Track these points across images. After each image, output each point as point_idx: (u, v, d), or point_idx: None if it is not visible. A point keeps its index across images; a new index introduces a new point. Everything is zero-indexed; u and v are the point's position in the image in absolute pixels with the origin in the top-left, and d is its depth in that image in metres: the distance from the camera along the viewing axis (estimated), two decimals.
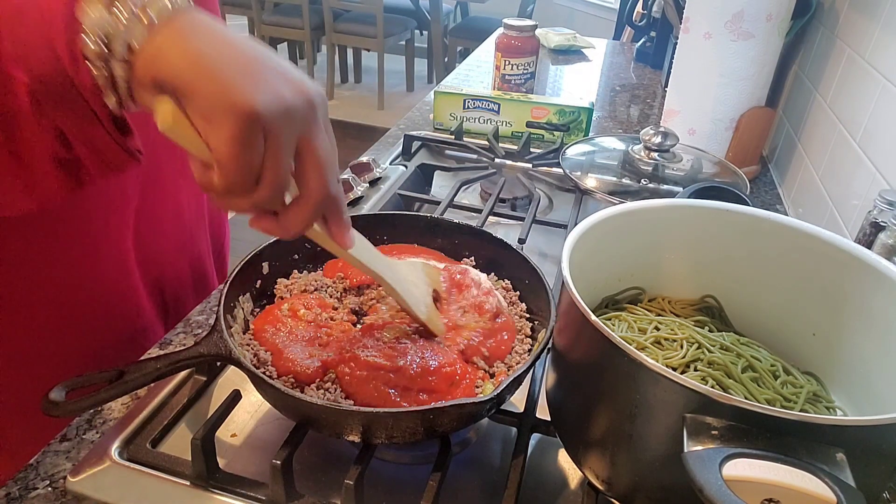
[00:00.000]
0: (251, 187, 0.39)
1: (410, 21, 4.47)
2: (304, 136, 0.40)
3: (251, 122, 0.37)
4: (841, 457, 0.34)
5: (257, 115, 0.37)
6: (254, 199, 0.40)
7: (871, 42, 0.87)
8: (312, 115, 0.41)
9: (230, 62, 0.38)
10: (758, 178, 1.19)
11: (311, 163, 0.41)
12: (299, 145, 0.40)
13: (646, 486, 0.43)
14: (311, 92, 0.41)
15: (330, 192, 0.42)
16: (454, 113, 1.25)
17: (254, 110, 0.37)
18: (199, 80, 0.37)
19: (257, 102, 0.37)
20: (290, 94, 0.39)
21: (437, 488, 0.48)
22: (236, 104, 0.36)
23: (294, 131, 0.40)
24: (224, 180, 0.38)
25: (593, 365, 0.44)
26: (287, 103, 0.38)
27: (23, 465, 0.53)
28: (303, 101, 0.40)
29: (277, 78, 0.39)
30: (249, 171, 0.38)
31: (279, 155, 0.39)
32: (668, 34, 1.66)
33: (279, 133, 0.38)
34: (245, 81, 0.37)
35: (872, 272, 0.48)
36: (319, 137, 0.41)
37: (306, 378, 0.53)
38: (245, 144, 0.37)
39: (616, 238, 0.56)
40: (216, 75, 0.37)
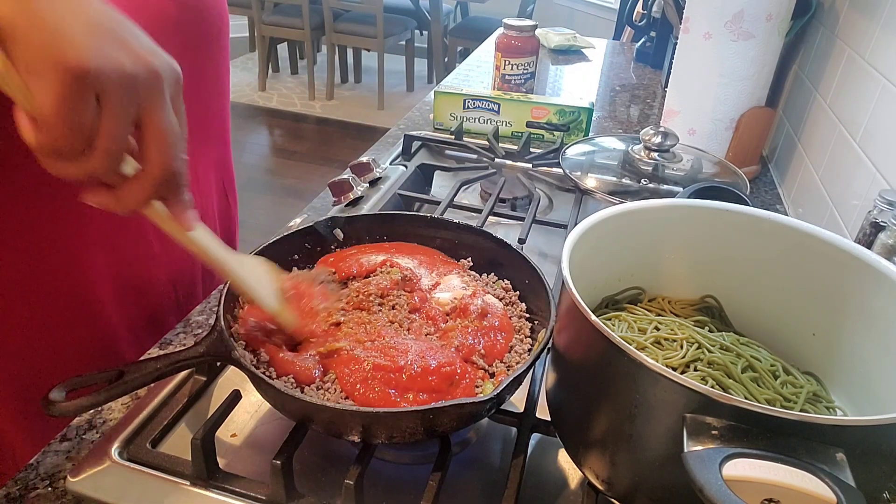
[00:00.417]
0: (79, 150, 0.37)
1: (410, 21, 4.48)
2: (144, 107, 0.39)
3: (79, 80, 0.35)
4: (841, 457, 0.34)
5: (86, 73, 0.35)
6: (85, 165, 0.38)
7: (871, 42, 0.87)
8: (156, 86, 0.39)
9: (69, 16, 0.36)
10: (758, 178, 1.19)
11: (152, 135, 0.40)
12: (140, 118, 0.39)
13: (646, 486, 0.43)
14: (156, 63, 0.39)
15: (171, 167, 0.41)
16: (454, 113, 1.25)
17: (83, 67, 0.35)
18: (28, 26, 0.35)
19: (89, 60, 0.35)
20: (130, 61, 0.37)
21: (437, 488, 0.48)
22: (64, 58, 0.35)
23: (132, 100, 0.38)
24: (48, 138, 0.36)
25: (593, 365, 0.44)
26: (126, 69, 0.37)
27: (23, 465, 0.53)
28: (145, 70, 0.38)
29: (121, 43, 0.38)
30: (76, 133, 0.36)
31: (112, 121, 0.37)
32: (668, 34, 1.66)
33: (113, 97, 0.37)
34: (80, 38, 0.35)
35: (872, 272, 0.48)
36: (162, 110, 0.40)
37: (306, 378, 0.53)
38: (70, 103, 0.35)
39: (616, 238, 0.56)
40: (47, 24, 0.35)
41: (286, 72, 5.09)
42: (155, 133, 0.40)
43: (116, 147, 0.38)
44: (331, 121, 4.34)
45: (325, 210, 0.94)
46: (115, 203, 0.41)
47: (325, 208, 0.95)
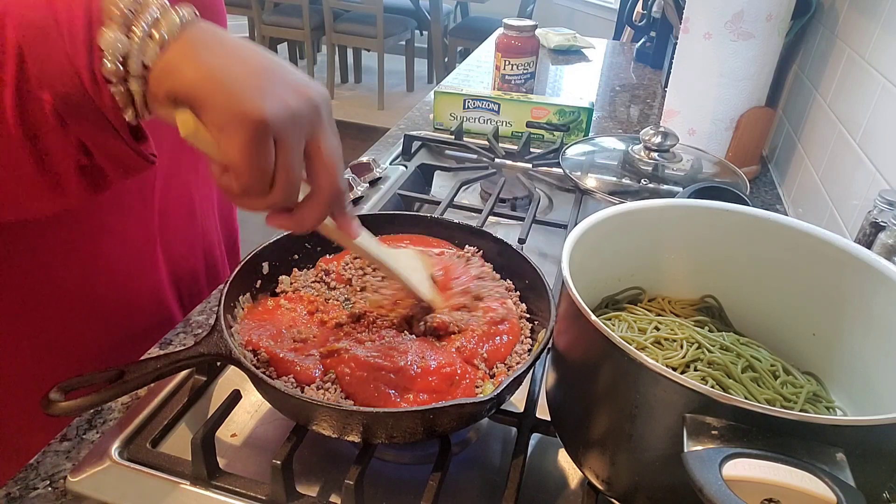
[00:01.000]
0: (266, 190, 0.42)
1: (410, 21, 4.47)
2: (311, 137, 0.43)
3: (261, 130, 0.39)
4: (841, 457, 0.34)
5: (265, 123, 0.39)
6: (269, 200, 0.43)
7: (871, 42, 0.87)
8: (318, 117, 0.43)
9: (237, 72, 0.40)
10: (758, 178, 1.19)
11: (320, 162, 0.43)
12: (307, 147, 0.43)
13: (646, 486, 0.43)
14: (314, 95, 0.43)
15: (339, 188, 0.45)
16: (454, 113, 1.25)
17: (262, 119, 0.39)
18: (210, 92, 0.39)
19: (265, 111, 0.39)
20: (294, 100, 0.41)
21: (437, 488, 0.48)
22: (246, 114, 0.39)
23: (302, 135, 0.42)
24: (240, 184, 0.41)
25: (593, 365, 0.44)
26: (293, 109, 0.41)
27: (23, 465, 0.53)
28: (308, 104, 0.42)
29: (282, 85, 0.41)
30: (262, 176, 0.41)
31: (289, 159, 0.41)
32: (668, 34, 1.66)
33: (288, 138, 0.41)
34: (252, 91, 0.39)
35: (872, 272, 0.48)
36: (326, 137, 0.44)
37: (306, 378, 0.53)
38: (256, 151, 0.39)
39: (616, 238, 0.56)
40: (225, 87, 0.39)
41: None
42: (321, 160, 0.43)
43: (295, 179, 0.42)
44: None
45: None
46: (295, 225, 0.45)
47: None
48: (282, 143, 0.41)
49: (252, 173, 0.40)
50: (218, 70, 0.40)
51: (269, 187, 0.42)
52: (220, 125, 0.40)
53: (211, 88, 0.39)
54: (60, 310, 0.65)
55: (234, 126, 0.39)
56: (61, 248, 0.62)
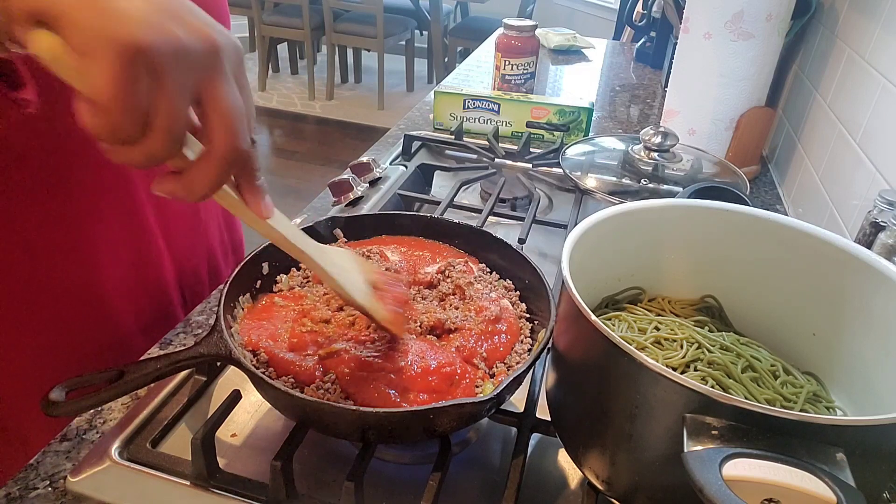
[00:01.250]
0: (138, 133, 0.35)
1: (410, 21, 4.47)
2: (204, 83, 0.37)
3: (131, 56, 0.33)
4: (841, 457, 0.34)
5: (139, 48, 0.33)
6: (144, 149, 0.36)
7: (871, 42, 0.87)
8: (215, 61, 0.37)
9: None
10: (758, 178, 1.19)
11: (215, 112, 0.37)
12: (201, 94, 0.37)
13: (646, 486, 0.43)
14: (215, 37, 0.37)
15: (238, 146, 0.38)
16: (454, 113, 1.25)
17: (135, 43, 0.33)
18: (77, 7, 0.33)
19: (141, 35, 0.33)
20: (186, 35, 0.36)
21: (437, 488, 0.48)
22: (115, 35, 0.33)
23: (189, 75, 0.36)
24: (107, 121, 0.34)
25: (593, 365, 0.44)
26: (181, 43, 0.35)
27: (23, 465, 0.53)
28: (203, 44, 0.36)
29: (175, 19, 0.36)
30: (132, 113, 0.34)
31: (169, 97, 0.35)
32: (668, 34, 1.66)
33: (168, 73, 0.35)
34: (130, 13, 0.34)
35: (872, 272, 0.48)
36: (223, 85, 0.37)
37: (306, 378, 0.53)
38: (123, 81, 0.33)
39: (616, 238, 0.56)
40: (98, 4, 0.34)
41: (286, 72, 5.09)
42: (217, 109, 0.37)
43: (175, 124, 0.36)
44: (331, 121, 4.34)
45: (325, 210, 0.94)
46: (184, 190, 0.39)
47: (325, 208, 0.95)
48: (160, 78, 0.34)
49: (119, 108, 0.34)
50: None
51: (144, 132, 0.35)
52: (85, 48, 0.33)
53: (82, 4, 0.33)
54: (60, 310, 0.65)
55: (100, 49, 0.33)
56: (61, 248, 0.62)
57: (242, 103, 0.39)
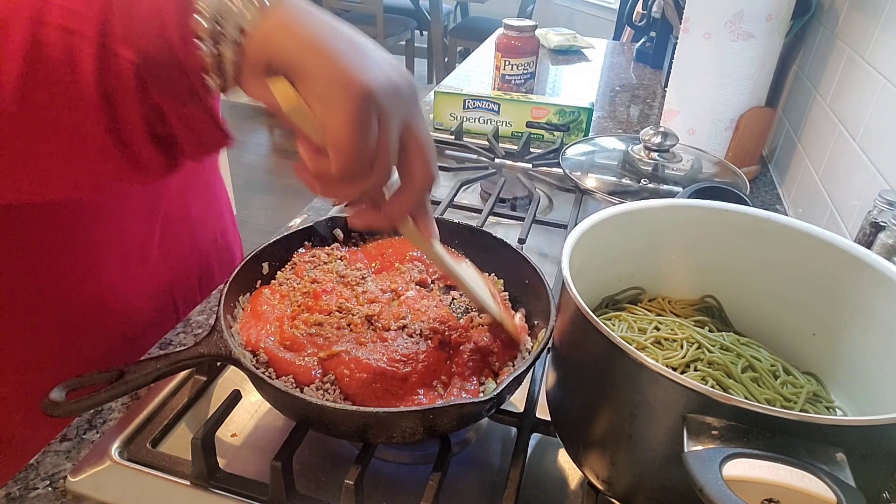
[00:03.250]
0: (366, 171, 0.38)
1: (410, 21, 4.47)
2: (407, 120, 0.40)
3: (367, 102, 0.37)
4: (841, 457, 0.34)
5: (372, 94, 0.37)
6: (365, 184, 0.39)
7: (871, 42, 0.87)
8: (415, 98, 0.40)
9: (341, 45, 0.38)
10: (758, 178, 1.19)
11: (416, 148, 0.41)
12: (403, 131, 0.40)
13: (646, 486, 0.43)
14: (408, 76, 0.41)
15: (434, 176, 0.42)
16: (454, 113, 1.25)
17: (369, 89, 0.37)
18: (315, 62, 0.37)
19: (371, 81, 0.37)
20: (396, 76, 0.39)
21: (437, 488, 0.48)
22: (353, 84, 0.36)
23: (401, 113, 0.39)
24: (341, 163, 0.37)
25: (593, 365, 0.44)
26: (395, 83, 0.38)
27: (23, 465, 0.53)
28: (406, 83, 0.40)
29: (380, 60, 0.39)
30: (365, 153, 0.38)
31: (390, 137, 0.38)
32: (668, 34, 1.66)
33: (390, 113, 0.38)
34: (358, 63, 0.37)
35: (872, 272, 0.48)
36: (421, 122, 0.41)
37: (306, 378, 0.53)
38: (362, 125, 0.37)
39: (616, 238, 0.56)
40: (331, 57, 0.37)
41: None
42: (418, 145, 0.40)
43: (392, 161, 0.39)
44: None
45: (325, 210, 0.94)
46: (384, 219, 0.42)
47: (325, 208, 0.95)
48: (384, 119, 0.38)
49: (356, 149, 0.37)
50: (321, 41, 0.37)
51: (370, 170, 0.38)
52: (324, 97, 0.37)
53: (315, 58, 0.37)
54: (60, 310, 0.65)
55: (340, 97, 0.36)
56: (61, 249, 0.62)
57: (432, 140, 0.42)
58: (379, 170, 0.39)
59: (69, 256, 0.63)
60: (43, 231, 0.60)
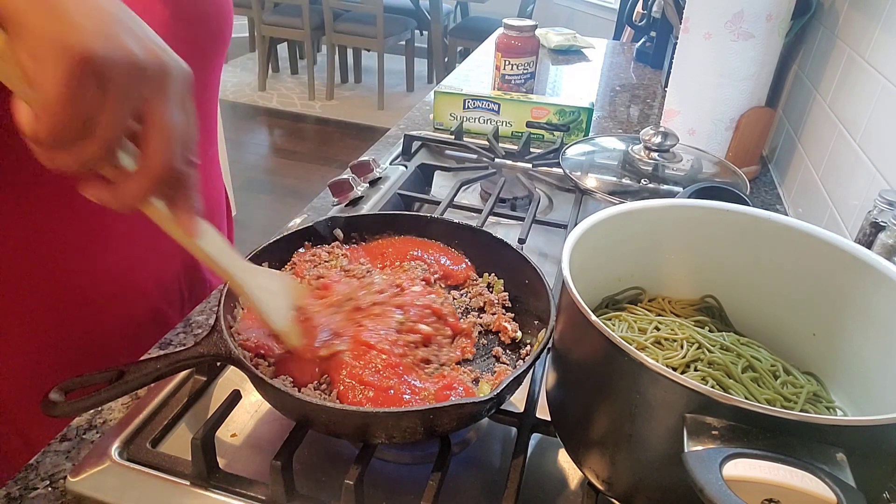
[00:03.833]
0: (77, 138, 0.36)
1: (410, 21, 4.47)
2: (148, 100, 0.38)
3: (84, 65, 0.34)
4: (841, 457, 0.34)
5: (92, 58, 0.34)
6: (81, 153, 0.37)
7: (871, 42, 0.87)
8: (163, 80, 0.38)
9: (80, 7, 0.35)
10: (758, 178, 1.19)
11: (154, 129, 0.38)
12: (143, 110, 0.38)
13: (646, 486, 0.43)
14: (165, 59, 0.38)
15: (172, 164, 0.39)
16: (454, 113, 1.25)
17: (89, 53, 0.34)
18: (35, 13, 0.34)
19: (96, 47, 0.34)
20: (139, 52, 0.36)
21: (437, 488, 0.48)
22: (72, 44, 0.34)
23: (135, 90, 0.37)
24: (48, 125, 0.35)
25: (593, 365, 0.44)
26: (133, 58, 0.36)
27: (23, 465, 0.53)
28: (153, 63, 0.37)
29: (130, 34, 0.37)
30: (74, 119, 0.35)
31: (113, 108, 0.36)
32: (668, 34, 1.66)
33: (115, 84, 0.36)
34: (89, 25, 0.35)
35: (872, 272, 0.48)
36: (168, 106, 0.39)
37: (306, 378, 0.53)
38: (74, 87, 0.34)
39: (616, 238, 0.56)
40: (56, 12, 0.34)
41: (286, 72, 5.09)
42: (157, 126, 0.38)
43: (113, 133, 0.37)
44: (331, 121, 4.34)
45: (325, 210, 0.94)
46: (112, 198, 0.40)
47: (325, 208, 0.95)
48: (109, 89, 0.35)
49: (63, 113, 0.34)
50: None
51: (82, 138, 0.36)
52: (38, 53, 0.34)
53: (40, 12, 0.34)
54: (60, 309, 0.65)
55: (54, 55, 0.34)
56: (61, 245, 0.62)
57: (183, 125, 0.40)
58: (95, 139, 0.36)
59: (68, 253, 0.63)
60: (40, 226, 0.60)
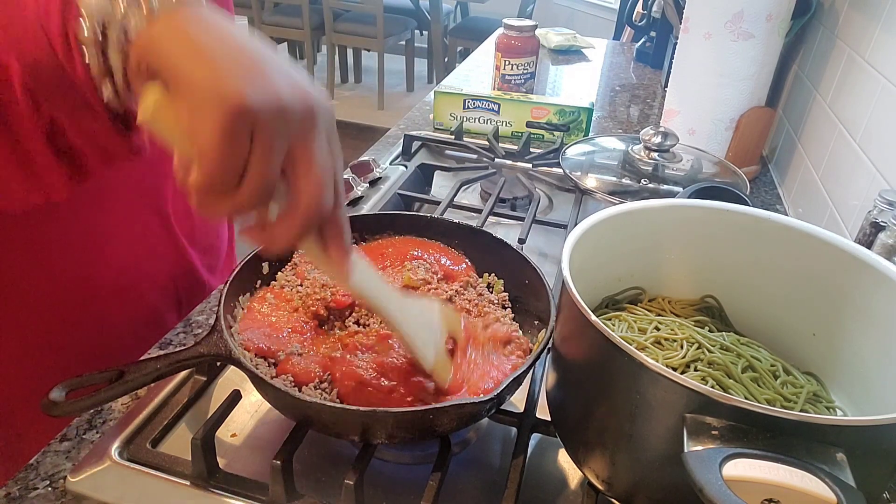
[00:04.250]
0: (232, 186, 0.37)
1: (410, 21, 4.47)
2: (298, 141, 0.38)
3: (239, 114, 0.35)
4: (841, 457, 0.34)
5: (246, 107, 0.35)
6: (235, 200, 0.37)
7: (871, 42, 0.87)
8: (311, 120, 0.38)
9: (227, 53, 0.36)
10: (758, 178, 1.19)
11: (304, 170, 0.38)
12: (293, 151, 0.38)
13: (646, 486, 0.43)
14: (312, 97, 0.38)
15: (322, 203, 0.39)
16: (454, 113, 1.25)
17: (243, 102, 0.35)
18: (191, 67, 0.35)
19: (248, 95, 0.35)
20: (287, 94, 0.37)
21: (437, 488, 0.48)
22: (226, 94, 0.34)
23: (286, 133, 0.37)
24: (204, 174, 0.36)
25: (593, 365, 0.44)
26: (282, 102, 0.36)
27: (23, 466, 0.53)
28: (301, 103, 0.37)
29: (276, 76, 0.37)
30: (231, 166, 0.36)
31: (266, 153, 0.36)
32: (668, 34, 1.66)
33: (268, 131, 0.36)
34: (239, 73, 0.35)
35: (872, 272, 0.48)
36: (316, 145, 0.38)
37: (305, 377, 0.53)
38: (229, 136, 0.35)
39: (616, 238, 0.56)
40: (209, 64, 0.35)
41: None
42: (306, 167, 0.38)
43: (268, 179, 0.37)
44: None
45: None
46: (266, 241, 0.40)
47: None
48: (261, 134, 0.36)
49: (219, 162, 0.35)
50: (205, 47, 0.35)
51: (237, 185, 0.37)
52: (195, 105, 0.35)
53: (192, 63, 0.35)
54: (60, 308, 0.65)
55: (210, 107, 0.34)
56: (61, 243, 0.62)
57: (331, 164, 0.40)
58: (248, 184, 0.37)
59: (68, 251, 0.63)
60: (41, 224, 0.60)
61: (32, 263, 0.61)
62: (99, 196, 0.63)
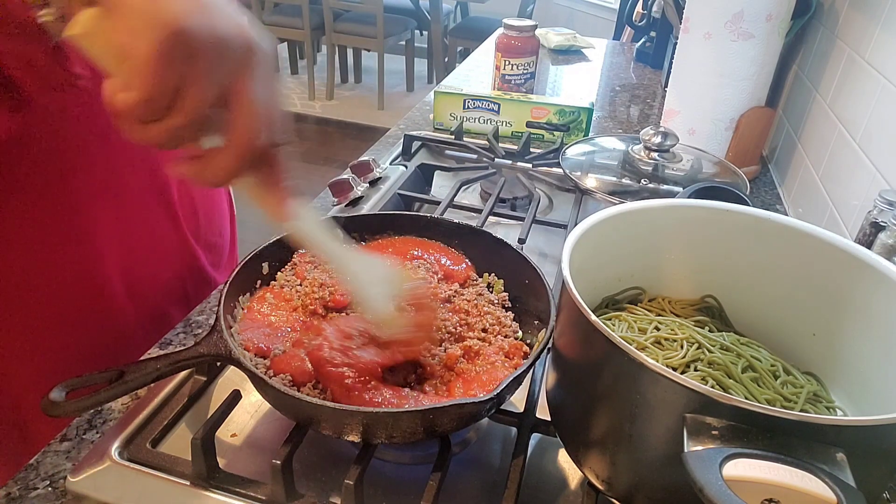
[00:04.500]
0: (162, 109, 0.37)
1: (410, 21, 4.47)
2: (235, 76, 0.38)
3: (175, 38, 0.35)
4: (841, 457, 0.34)
5: (183, 30, 0.35)
6: (169, 125, 0.37)
7: (871, 42, 0.87)
8: (248, 57, 0.39)
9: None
10: (758, 178, 1.19)
11: (239, 106, 0.39)
12: (230, 86, 0.38)
13: (646, 486, 0.43)
14: (251, 37, 0.39)
15: (257, 141, 0.40)
16: (454, 113, 1.25)
17: (181, 27, 0.35)
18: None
19: (186, 20, 0.35)
20: (224, 28, 0.37)
21: (437, 488, 0.48)
22: (164, 16, 0.35)
23: (222, 66, 0.37)
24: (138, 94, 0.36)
25: (593, 365, 0.44)
26: (219, 34, 0.37)
27: (23, 466, 0.53)
28: (239, 39, 0.38)
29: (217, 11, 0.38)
30: (163, 88, 0.36)
31: (199, 80, 0.37)
32: (668, 34, 1.66)
33: (204, 59, 0.36)
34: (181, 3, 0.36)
35: (872, 272, 0.48)
36: (251, 81, 0.39)
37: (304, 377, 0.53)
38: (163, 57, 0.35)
39: (616, 238, 0.56)
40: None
41: (286, 72, 5.09)
42: (241, 103, 0.39)
43: (199, 107, 0.37)
44: (331, 121, 4.34)
45: (325, 210, 0.94)
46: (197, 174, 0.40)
47: (326, 208, 0.95)
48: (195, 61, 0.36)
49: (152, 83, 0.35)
50: None
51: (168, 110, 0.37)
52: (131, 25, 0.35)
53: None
54: (60, 307, 0.65)
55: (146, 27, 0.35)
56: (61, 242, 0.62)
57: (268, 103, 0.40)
58: (180, 109, 0.37)
59: (68, 250, 0.63)
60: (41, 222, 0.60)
61: (39, 262, 0.61)
62: (107, 192, 0.63)
